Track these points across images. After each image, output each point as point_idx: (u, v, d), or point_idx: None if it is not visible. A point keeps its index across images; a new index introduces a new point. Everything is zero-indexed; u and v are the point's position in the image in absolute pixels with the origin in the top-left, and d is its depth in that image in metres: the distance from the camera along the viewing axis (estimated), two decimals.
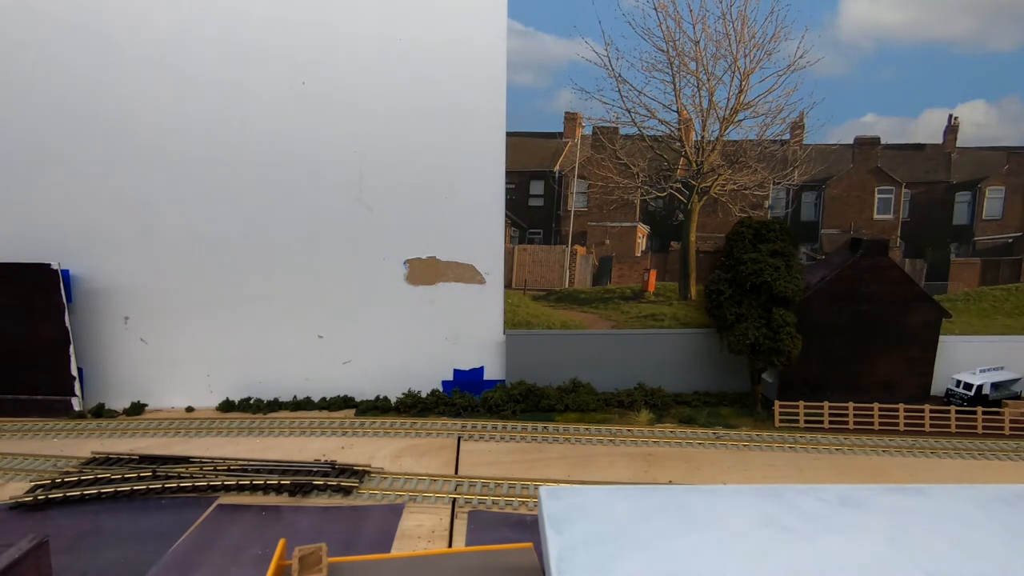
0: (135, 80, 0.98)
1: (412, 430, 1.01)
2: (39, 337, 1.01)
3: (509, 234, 1.09)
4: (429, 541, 0.69)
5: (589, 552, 0.47)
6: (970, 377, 1.09)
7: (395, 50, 0.99)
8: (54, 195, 1.01)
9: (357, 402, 1.10)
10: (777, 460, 0.92)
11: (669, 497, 0.56)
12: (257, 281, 1.06)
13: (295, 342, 1.08)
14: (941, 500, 0.55)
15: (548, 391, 1.08)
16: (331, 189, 1.03)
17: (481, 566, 0.56)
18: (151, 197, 1.02)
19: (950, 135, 1.11)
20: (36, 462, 0.88)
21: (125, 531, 0.71)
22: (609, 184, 1.10)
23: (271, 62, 0.98)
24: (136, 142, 1.00)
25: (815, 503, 0.55)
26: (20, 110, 0.98)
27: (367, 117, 1.01)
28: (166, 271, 1.04)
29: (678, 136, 1.08)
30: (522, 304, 1.12)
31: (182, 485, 0.80)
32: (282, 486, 0.80)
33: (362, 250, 1.06)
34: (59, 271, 1.00)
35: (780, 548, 0.48)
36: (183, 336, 1.07)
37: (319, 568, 0.52)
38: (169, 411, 1.08)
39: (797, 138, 1.10)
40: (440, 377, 1.12)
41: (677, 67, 1.05)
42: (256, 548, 0.68)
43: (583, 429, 1.01)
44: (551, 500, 0.54)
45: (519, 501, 0.78)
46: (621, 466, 0.88)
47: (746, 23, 1.04)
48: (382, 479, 0.84)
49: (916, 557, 0.47)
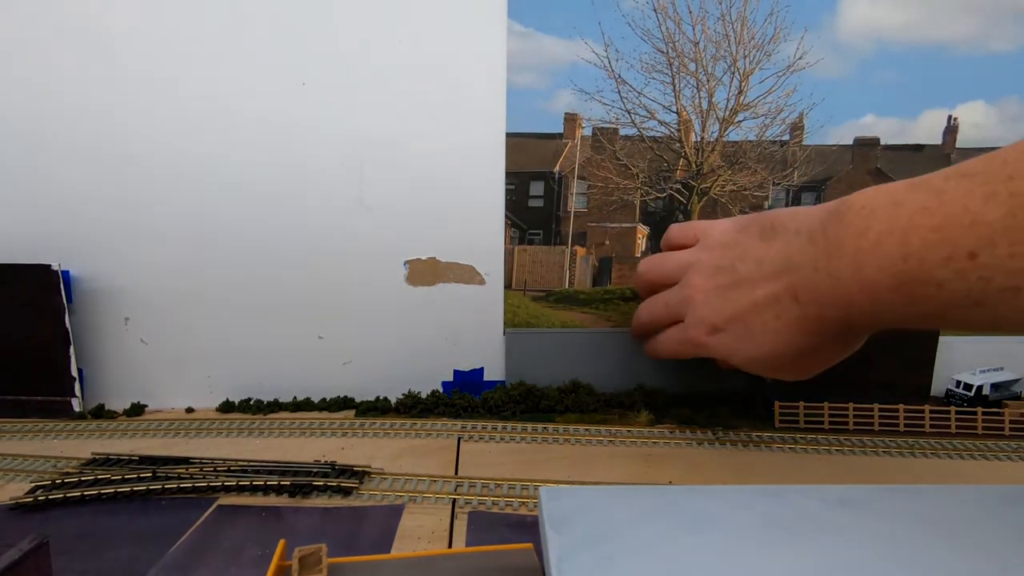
0: (135, 80, 0.98)
1: (412, 431, 1.01)
2: (39, 338, 1.01)
3: (509, 235, 1.09)
4: (429, 542, 0.69)
5: (589, 552, 0.47)
6: (970, 377, 1.09)
7: (395, 50, 0.99)
8: (54, 196, 1.01)
9: (357, 403, 1.10)
10: (777, 460, 0.92)
11: (669, 497, 0.56)
12: (258, 282, 1.06)
13: (295, 343, 1.08)
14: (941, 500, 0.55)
15: (548, 391, 1.08)
16: (332, 190, 1.03)
17: (481, 566, 0.56)
18: (151, 198, 1.02)
19: (949, 136, 1.11)
20: (36, 463, 0.88)
21: (125, 532, 0.71)
22: (609, 185, 1.10)
23: (271, 63, 0.98)
24: (136, 142, 1.00)
25: (815, 503, 0.55)
26: (20, 110, 0.98)
27: (367, 117, 1.01)
28: (166, 272, 1.04)
29: (678, 137, 1.08)
30: (522, 305, 1.12)
31: (182, 486, 0.80)
32: (282, 487, 0.80)
33: (362, 251, 1.06)
34: (59, 272, 1.00)
35: (780, 548, 0.48)
36: (183, 337, 1.07)
37: (319, 568, 0.52)
38: (169, 412, 1.08)
39: (797, 139, 1.10)
40: (440, 378, 1.12)
41: (677, 68, 1.05)
42: (256, 549, 0.67)
43: (583, 430, 1.01)
44: (551, 500, 0.55)
45: (519, 502, 0.78)
46: (621, 466, 0.88)
47: (746, 24, 1.04)
48: (382, 480, 0.84)
49: (916, 557, 0.47)
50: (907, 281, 0.56)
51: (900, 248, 0.55)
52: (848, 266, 0.60)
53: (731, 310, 0.75)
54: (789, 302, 0.69)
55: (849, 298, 0.62)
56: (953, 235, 0.52)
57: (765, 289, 0.71)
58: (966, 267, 0.51)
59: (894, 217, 0.56)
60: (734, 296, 0.75)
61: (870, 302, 0.60)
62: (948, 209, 0.52)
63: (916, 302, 0.56)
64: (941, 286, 0.54)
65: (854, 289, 0.60)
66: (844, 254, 0.60)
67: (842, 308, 0.63)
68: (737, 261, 0.76)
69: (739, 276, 0.75)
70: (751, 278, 0.73)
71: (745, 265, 0.74)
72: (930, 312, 0.57)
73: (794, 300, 0.68)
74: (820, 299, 0.65)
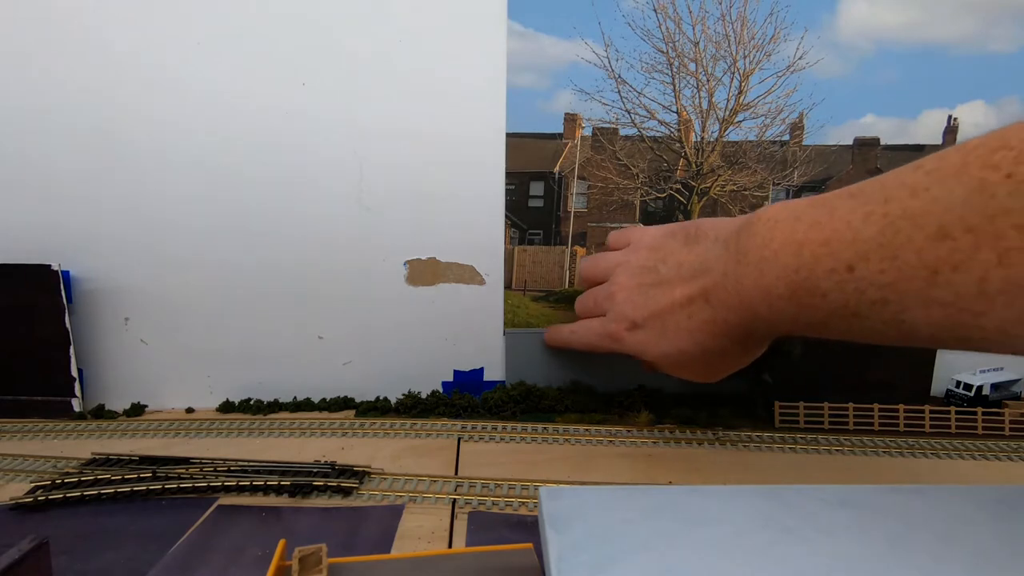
0: (134, 81, 0.98)
1: (412, 431, 1.01)
2: (39, 338, 1.01)
3: (509, 235, 1.09)
4: (429, 542, 0.69)
5: (589, 552, 0.47)
6: (970, 378, 1.10)
7: (395, 50, 0.99)
8: (54, 195, 1.01)
9: (357, 403, 1.10)
10: (777, 460, 0.92)
11: (669, 497, 0.56)
12: (258, 282, 1.06)
13: (295, 343, 1.08)
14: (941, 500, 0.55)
15: (548, 391, 1.08)
16: (331, 190, 1.03)
17: (481, 567, 0.56)
18: (151, 198, 1.02)
19: (949, 136, 1.11)
20: (36, 463, 0.88)
21: (125, 532, 0.71)
22: (609, 185, 1.10)
23: (271, 63, 0.99)
24: (136, 143, 1.00)
25: (815, 503, 0.55)
26: (20, 110, 0.98)
27: (367, 117, 1.01)
28: (166, 272, 1.04)
29: (678, 137, 1.08)
30: (522, 305, 1.12)
31: (182, 486, 0.80)
32: (282, 487, 0.80)
33: (362, 251, 1.06)
34: (59, 272, 1.00)
35: (780, 548, 0.48)
36: (183, 337, 1.07)
37: (319, 568, 0.53)
38: (169, 412, 1.08)
39: (797, 139, 1.10)
40: (440, 378, 1.12)
41: (677, 68, 1.05)
42: (256, 549, 0.67)
43: (583, 430, 1.01)
44: (551, 500, 0.55)
45: (519, 502, 0.78)
46: (621, 466, 0.89)
47: (746, 24, 1.04)
48: (382, 480, 0.84)
49: (916, 558, 0.47)
50: (798, 290, 0.60)
51: (794, 259, 0.60)
52: (752, 273, 0.64)
53: (650, 308, 0.80)
54: (702, 304, 0.73)
55: (751, 303, 0.66)
56: (837, 249, 0.56)
57: (682, 290, 0.76)
58: (845, 279, 0.55)
59: (793, 230, 0.60)
60: (654, 295, 0.80)
61: (767, 308, 0.64)
62: (835, 225, 0.56)
63: (805, 310, 0.61)
64: (825, 296, 0.58)
65: (755, 295, 0.65)
66: (750, 262, 0.65)
67: (745, 312, 0.68)
68: (660, 263, 0.81)
69: (660, 277, 0.80)
70: (670, 279, 0.78)
71: (667, 267, 0.79)
72: (817, 320, 0.61)
73: (706, 302, 0.73)
74: (727, 302, 0.69)
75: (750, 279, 0.65)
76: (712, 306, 0.72)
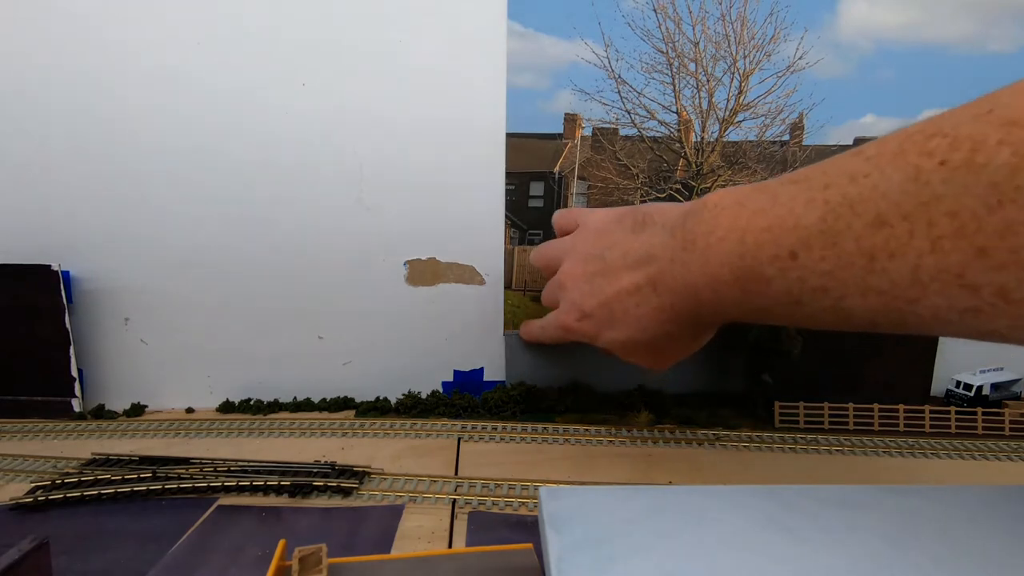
0: (135, 82, 0.98)
1: (412, 431, 1.01)
2: (39, 338, 1.01)
3: (509, 235, 1.09)
4: (429, 542, 0.69)
5: (589, 553, 0.47)
6: (970, 378, 1.09)
7: (395, 51, 0.99)
8: (54, 196, 1.01)
9: (357, 403, 1.10)
10: (777, 460, 0.92)
11: (669, 497, 0.56)
12: (258, 282, 1.06)
13: (295, 343, 1.08)
14: (941, 500, 0.55)
15: (548, 391, 1.08)
16: (331, 190, 1.03)
17: (481, 567, 0.56)
18: (151, 198, 1.02)
19: None
20: (36, 463, 0.88)
21: (125, 532, 0.71)
22: (609, 185, 1.10)
23: (271, 64, 0.98)
24: (136, 143, 1.00)
25: (815, 503, 0.55)
26: (20, 111, 0.98)
27: (367, 117, 1.01)
28: (166, 272, 1.04)
29: (678, 137, 1.08)
30: (522, 305, 1.12)
31: (182, 486, 0.80)
32: (282, 487, 0.80)
33: (362, 251, 1.06)
34: (59, 272, 1.00)
35: (780, 548, 0.48)
36: (183, 337, 1.07)
37: (319, 568, 0.53)
38: (169, 412, 1.08)
39: (797, 139, 1.10)
40: (440, 378, 1.12)
41: (677, 68, 1.05)
42: (256, 549, 0.67)
43: (583, 430, 1.01)
44: (551, 500, 0.55)
45: (519, 502, 0.78)
46: (621, 466, 0.88)
47: (745, 24, 1.04)
48: (382, 480, 0.84)
49: (916, 558, 0.47)
50: (742, 276, 0.60)
51: (738, 245, 0.59)
52: (697, 259, 0.64)
53: (598, 297, 0.79)
54: (649, 291, 0.73)
55: (697, 289, 0.66)
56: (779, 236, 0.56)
57: (629, 278, 0.75)
58: (788, 266, 0.55)
59: (737, 217, 0.60)
60: (600, 284, 0.79)
61: (713, 294, 0.64)
62: (778, 211, 0.56)
63: (749, 296, 0.61)
64: (769, 282, 0.58)
65: (701, 281, 0.65)
66: (696, 248, 0.64)
67: (691, 298, 0.68)
68: (606, 250, 0.79)
69: (607, 265, 0.79)
70: (617, 267, 0.77)
71: (613, 254, 0.78)
72: (760, 307, 0.61)
73: (653, 290, 0.72)
74: (674, 289, 0.69)
75: (696, 265, 0.65)
76: (659, 293, 0.72)
